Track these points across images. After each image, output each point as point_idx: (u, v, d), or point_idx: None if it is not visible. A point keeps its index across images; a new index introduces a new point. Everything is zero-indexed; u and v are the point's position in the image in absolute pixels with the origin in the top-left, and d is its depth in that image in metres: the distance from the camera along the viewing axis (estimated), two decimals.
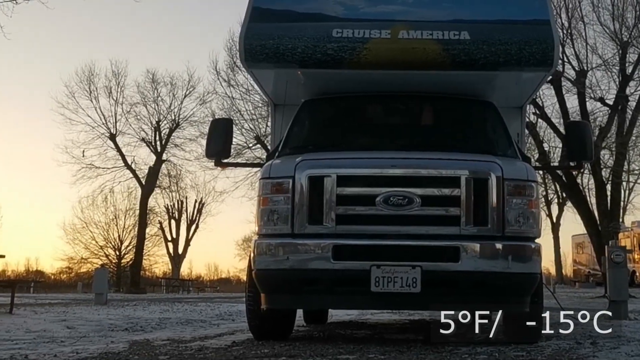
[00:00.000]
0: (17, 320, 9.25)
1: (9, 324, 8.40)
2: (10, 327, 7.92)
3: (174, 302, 18.65)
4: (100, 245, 52.09)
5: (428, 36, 6.31)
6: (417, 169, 5.65)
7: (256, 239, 5.70)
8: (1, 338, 6.61)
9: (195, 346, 5.79)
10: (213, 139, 6.76)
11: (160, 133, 42.23)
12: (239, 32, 6.69)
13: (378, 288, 5.27)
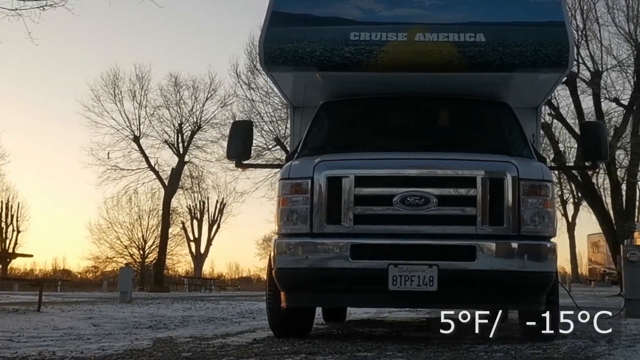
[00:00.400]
0: (45, 318, 9.30)
1: (37, 322, 8.45)
2: (38, 325, 7.97)
3: (196, 301, 18.72)
4: (125, 245, 52.56)
5: (444, 38, 6.28)
6: (434, 169, 5.62)
7: (276, 238, 5.70)
8: (30, 335, 6.65)
9: (217, 343, 5.80)
10: (234, 140, 6.78)
11: (183, 135, 42.48)
12: (259, 36, 6.71)
13: (395, 287, 5.25)
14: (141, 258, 52.14)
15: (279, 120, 31.69)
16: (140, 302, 16.80)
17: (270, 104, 32.41)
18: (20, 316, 9.50)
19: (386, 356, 4.54)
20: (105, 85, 41.77)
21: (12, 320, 8.65)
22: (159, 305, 14.87)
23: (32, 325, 7.94)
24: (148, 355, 4.78)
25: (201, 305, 15.17)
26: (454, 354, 4.67)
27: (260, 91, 32.87)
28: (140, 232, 52.47)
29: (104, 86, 41.70)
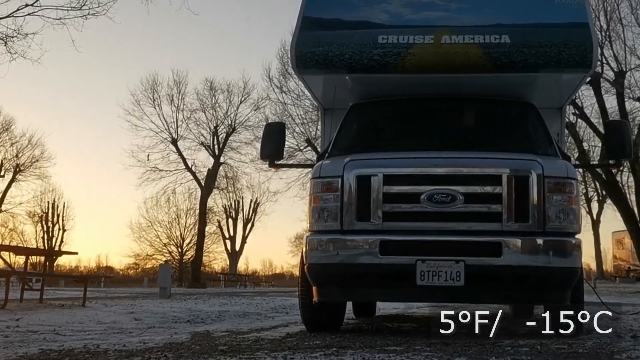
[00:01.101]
0: (89, 312, 9.41)
1: (82, 316, 8.56)
2: (83, 319, 8.07)
3: (232, 296, 18.83)
4: (164, 243, 53.19)
5: (470, 40, 6.22)
6: (460, 168, 5.56)
7: (308, 235, 5.70)
8: (75, 329, 6.74)
9: (252, 337, 5.82)
10: (267, 142, 6.80)
11: (218, 137, 42.80)
12: (291, 40, 6.71)
13: (423, 282, 5.22)
14: (179, 255, 52.65)
15: (310, 122, 31.74)
16: (178, 297, 16.95)
17: (302, 106, 32.49)
18: (66, 311, 9.63)
19: (415, 350, 4.51)
20: (144, 90, 42.38)
21: (59, 314, 8.79)
22: (196, 300, 14.98)
23: (77, 319, 8.04)
24: (186, 348, 4.81)
25: (236, 300, 15.25)
26: (480, 349, 4.61)
27: (292, 94, 32.99)
28: (179, 231, 53.08)
29: (144, 91, 42.31)
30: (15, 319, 7.60)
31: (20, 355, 4.35)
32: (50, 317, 8.12)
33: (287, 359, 4.01)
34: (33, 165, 45.45)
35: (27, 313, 8.72)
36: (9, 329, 6.44)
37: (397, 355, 4.23)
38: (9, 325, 6.79)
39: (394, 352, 4.40)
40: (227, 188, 47.66)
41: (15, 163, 44.70)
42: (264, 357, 4.12)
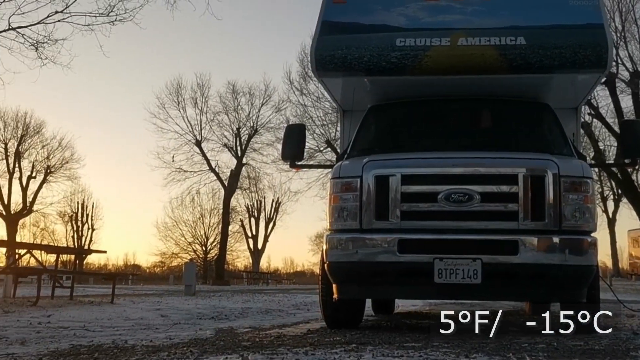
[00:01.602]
0: (118, 309, 9.51)
1: (111, 313, 8.65)
2: (111, 315, 8.16)
3: (254, 293, 18.89)
4: (189, 242, 53.48)
5: (486, 42, 6.18)
6: (477, 168, 5.53)
7: (328, 234, 5.70)
8: (104, 325, 6.81)
9: (274, 333, 5.83)
10: (288, 143, 6.81)
11: (240, 139, 42.99)
12: (310, 44, 6.72)
13: (441, 279, 5.20)
14: (204, 254, 52.94)
15: (330, 123, 31.77)
16: (203, 294, 17.03)
17: (321, 108, 32.53)
18: (95, 307, 9.73)
19: (433, 347, 4.48)
20: (169, 93, 42.74)
21: (88, 311, 8.88)
22: (220, 297, 15.05)
23: (106, 315, 8.13)
24: (211, 344, 4.82)
25: (259, 297, 15.29)
26: (498, 346, 4.57)
27: (312, 96, 33.04)
28: (203, 230, 53.35)
29: (168, 94, 42.66)
30: (47, 315, 7.70)
31: (52, 350, 4.40)
32: (80, 314, 8.21)
33: (309, 354, 4.02)
34: (63, 166, 46.07)
35: (58, 310, 8.82)
36: (40, 325, 6.53)
37: (416, 351, 4.21)
38: (40, 321, 6.89)
39: (412, 348, 4.39)
40: (249, 188, 47.93)
41: (46, 165, 45.32)
42: (286, 352, 4.12)
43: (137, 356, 3.99)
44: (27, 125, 44.49)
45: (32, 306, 9.38)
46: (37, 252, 12.63)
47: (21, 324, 6.56)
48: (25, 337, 5.38)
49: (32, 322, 6.72)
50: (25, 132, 44.50)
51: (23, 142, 44.49)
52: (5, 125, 43.90)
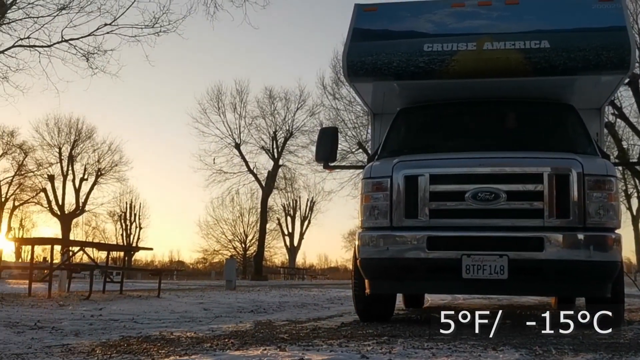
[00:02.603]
0: (164, 303, 9.59)
1: (157, 306, 8.73)
2: (158, 309, 8.23)
3: (291, 288, 18.96)
4: (229, 239, 53.87)
5: (511, 46, 6.11)
6: (503, 167, 5.47)
7: (360, 231, 5.70)
8: (152, 318, 6.89)
9: (310, 326, 5.85)
10: (321, 145, 6.82)
11: (277, 142, 43.17)
12: (342, 50, 6.72)
13: (469, 275, 5.15)
14: (243, 250, 53.28)
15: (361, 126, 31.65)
16: (243, 289, 17.16)
17: (353, 111, 32.46)
18: (143, 301, 9.85)
19: (461, 340, 4.45)
20: (210, 99, 43.15)
21: (137, 304, 9.00)
22: (259, 292, 15.15)
23: (153, 309, 8.22)
24: (251, 335, 4.85)
25: (295, 292, 15.35)
26: (524, 339, 4.52)
27: (344, 100, 33.00)
28: (242, 228, 53.69)
29: (209, 100, 43.07)
30: (99, 308, 7.81)
31: (103, 341, 4.47)
32: (129, 307, 8.31)
33: (342, 346, 4.02)
34: (113, 169, 46.65)
35: (108, 303, 8.94)
36: (93, 317, 6.63)
37: (445, 343, 4.19)
38: (93, 314, 6.99)
39: (441, 340, 4.37)
40: (285, 188, 48.07)
41: (97, 167, 46.02)
42: (321, 344, 4.14)
43: (182, 347, 4.04)
44: (79, 130, 45.35)
45: (85, 300, 9.52)
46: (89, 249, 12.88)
47: (75, 316, 6.67)
48: (79, 328, 5.47)
49: (85, 315, 6.83)
50: (78, 137, 45.32)
51: (76, 147, 45.30)
52: (60, 131, 44.82)
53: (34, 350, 3.89)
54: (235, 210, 53.32)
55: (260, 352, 3.67)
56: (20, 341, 4.43)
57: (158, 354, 3.67)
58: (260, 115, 43.43)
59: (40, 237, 16.63)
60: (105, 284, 12.45)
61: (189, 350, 3.86)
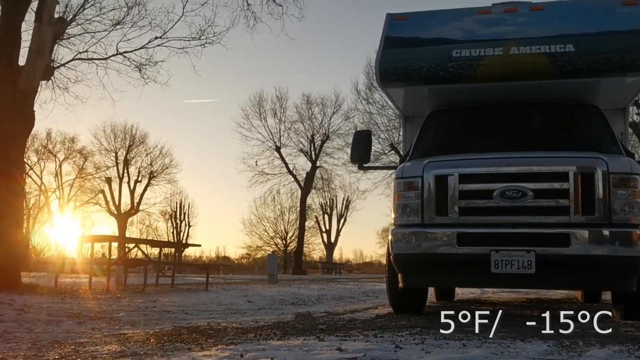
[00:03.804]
0: (211, 295, 9.68)
1: (205, 299, 8.83)
2: (206, 301, 8.33)
3: (328, 282, 18.97)
4: (271, 236, 54.19)
5: (536, 50, 6.00)
6: (530, 166, 5.37)
7: (393, 228, 5.68)
8: (200, 309, 6.99)
9: (347, 318, 5.85)
10: (356, 147, 6.81)
11: (314, 144, 43.28)
12: (375, 58, 6.71)
13: (497, 269, 5.08)
14: (284, 246, 53.54)
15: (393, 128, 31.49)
16: (284, 282, 17.24)
17: (386, 115, 32.32)
18: (192, 294, 9.96)
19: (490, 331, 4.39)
20: (252, 105, 43.55)
21: (187, 297, 9.12)
22: (299, 285, 15.19)
23: (201, 301, 8.32)
24: (291, 326, 4.88)
25: (332, 286, 15.35)
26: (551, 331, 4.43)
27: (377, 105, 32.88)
28: (283, 225, 53.95)
29: (252, 106, 43.48)
30: (152, 300, 7.95)
31: (157, 331, 4.54)
32: (180, 299, 8.42)
33: (377, 337, 4.02)
34: (164, 171, 47.27)
35: (161, 296, 9.08)
36: (147, 309, 6.76)
37: (475, 335, 4.14)
38: (147, 306, 7.12)
39: (471, 332, 4.32)
40: (322, 188, 48.13)
41: (150, 170, 46.73)
42: (357, 335, 4.14)
43: (229, 336, 4.09)
44: (133, 136, 46.14)
45: (139, 293, 9.69)
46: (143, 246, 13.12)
47: (131, 308, 6.79)
48: (135, 319, 5.58)
49: (140, 307, 6.95)
50: (132, 143, 46.11)
51: (130, 151, 46.12)
52: (116, 137, 45.70)
53: (95, 339, 3.98)
54: (277, 209, 53.68)
55: (301, 342, 3.69)
56: (82, 331, 4.54)
57: (207, 343, 3.72)
58: (299, 120, 43.69)
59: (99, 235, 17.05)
60: (158, 278, 12.65)
61: (235, 339, 3.90)
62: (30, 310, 5.97)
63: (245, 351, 3.27)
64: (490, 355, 3.20)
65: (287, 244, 53.54)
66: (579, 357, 3.19)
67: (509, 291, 11.78)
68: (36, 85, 10.00)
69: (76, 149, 44.69)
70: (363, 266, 66.15)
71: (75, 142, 44.70)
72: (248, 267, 54.38)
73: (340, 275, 39.13)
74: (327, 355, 3.13)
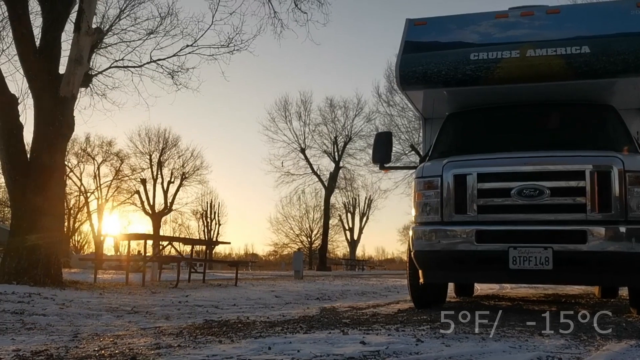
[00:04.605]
0: (240, 290, 9.76)
1: (235, 294, 8.90)
2: (235, 296, 8.38)
3: (352, 278, 18.95)
4: (296, 234, 54.30)
5: (552, 52, 5.90)
6: (546, 165, 5.28)
7: (413, 226, 5.64)
8: (230, 304, 7.02)
9: (370, 312, 5.84)
10: (377, 148, 6.78)
11: (337, 146, 43.28)
12: (395, 62, 6.68)
13: (515, 266, 5.01)
14: (309, 244, 53.60)
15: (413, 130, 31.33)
16: (309, 278, 17.27)
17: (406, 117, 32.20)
18: (222, 289, 10.04)
19: (509, 325, 4.35)
20: (278, 109, 43.80)
21: (217, 292, 9.19)
22: (323, 281, 15.21)
23: (231, 296, 8.38)
24: (317, 320, 4.88)
25: (356, 281, 15.33)
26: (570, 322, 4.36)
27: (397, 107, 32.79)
28: (308, 224, 54.02)
29: (277, 110, 43.76)
30: (185, 295, 8.02)
31: (190, 324, 4.58)
32: (211, 294, 8.48)
33: (399, 331, 4.00)
34: (195, 173, 47.57)
35: (193, 291, 9.15)
36: (180, 303, 6.81)
37: (494, 329, 4.10)
38: (180, 300, 7.18)
39: (490, 326, 4.28)
40: (345, 188, 48.04)
41: (182, 172, 47.08)
42: (380, 329, 4.13)
43: (257, 330, 4.10)
44: (166, 139, 46.55)
45: (173, 288, 9.77)
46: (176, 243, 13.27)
47: (165, 302, 6.86)
48: (169, 313, 5.64)
49: (173, 301, 7.01)
50: (165, 145, 46.54)
51: (163, 154, 46.55)
52: (150, 140, 46.21)
53: (131, 332, 4.04)
54: (302, 208, 53.80)
55: (326, 335, 3.70)
56: (120, 324, 4.61)
57: (236, 335, 3.75)
58: (323, 122, 43.75)
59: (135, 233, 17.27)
60: (190, 274, 12.75)
61: (263, 332, 3.92)
62: (71, 305, 6.09)
63: (273, 344, 3.29)
64: (509, 348, 3.16)
65: (312, 241, 53.62)
66: (596, 351, 3.14)
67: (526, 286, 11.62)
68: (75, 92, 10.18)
69: (113, 152, 45.35)
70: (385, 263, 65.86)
71: (113, 146, 45.36)
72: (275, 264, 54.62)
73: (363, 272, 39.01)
74: (351, 349, 3.13)
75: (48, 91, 9.84)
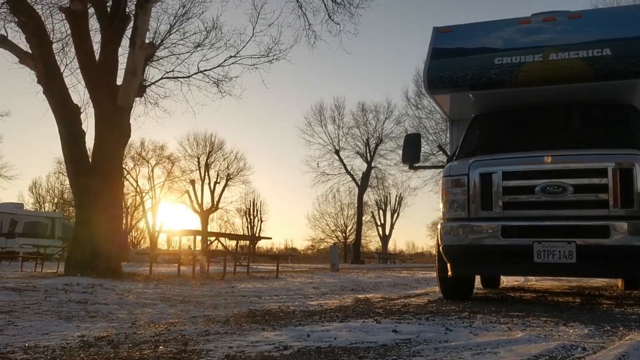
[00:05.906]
0: (281, 282, 9.81)
1: (276, 285, 8.96)
2: (276, 287, 8.44)
3: (384, 270, 18.84)
4: (332, 229, 54.42)
5: (574, 55, 5.74)
6: (569, 163, 5.15)
7: (442, 222, 5.58)
8: (272, 294, 7.07)
9: (401, 303, 5.80)
10: (407, 149, 6.73)
11: (369, 147, 43.15)
12: (423, 67, 6.63)
13: (540, 259, 4.89)
14: (344, 239, 53.61)
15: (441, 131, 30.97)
16: (344, 271, 17.25)
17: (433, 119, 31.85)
18: (264, 281, 10.11)
19: (534, 316, 4.26)
20: (314, 114, 44.28)
21: (260, 283, 9.27)
22: (357, 273, 15.18)
23: (272, 287, 8.43)
24: (352, 310, 4.87)
25: (388, 274, 15.24)
26: (592, 316, 4.25)
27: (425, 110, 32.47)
28: (342, 220, 54.06)
29: (313, 115, 44.22)
30: (231, 286, 8.12)
31: (235, 313, 4.63)
32: (254, 286, 8.56)
33: (429, 320, 3.97)
34: (239, 174, 48.09)
35: (238, 282, 9.25)
36: (226, 293, 6.89)
37: (519, 319, 4.02)
38: (226, 291, 7.28)
39: (516, 316, 4.20)
40: (377, 186, 47.85)
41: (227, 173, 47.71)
42: (411, 318, 4.10)
43: (297, 318, 4.13)
44: (212, 143, 47.23)
45: (220, 280, 9.89)
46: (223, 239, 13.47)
47: (213, 293, 6.95)
48: (216, 302, 5.71)
49: (220, 292, 7.10)
50: (212, 149, 47.21)
51: (210, 157, 47.23)
52: (197, 144, 46.99)
53: (183, 320, 4.12)
54: (337, 206, 53.92)
55: (360, 324, 3.70)
56: (173, 312, 4.71)
57: (278, 323, 3.79)
58: (355, 126, 43.72)
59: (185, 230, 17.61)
60: (235, 267, 12.93)
61: (302, 321, 3.94)
62: (129, 295, 6.25)
63: (312, 331, 3.31)
64: (534, 337, 3.10)
65: (346, 236, 53.59)
66: (620, 341, 3.04)
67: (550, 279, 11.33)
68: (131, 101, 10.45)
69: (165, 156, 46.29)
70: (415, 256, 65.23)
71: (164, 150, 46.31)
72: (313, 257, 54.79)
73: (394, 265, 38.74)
74: (384, 337, 3.12)
75: (107, 101, 10.13)
